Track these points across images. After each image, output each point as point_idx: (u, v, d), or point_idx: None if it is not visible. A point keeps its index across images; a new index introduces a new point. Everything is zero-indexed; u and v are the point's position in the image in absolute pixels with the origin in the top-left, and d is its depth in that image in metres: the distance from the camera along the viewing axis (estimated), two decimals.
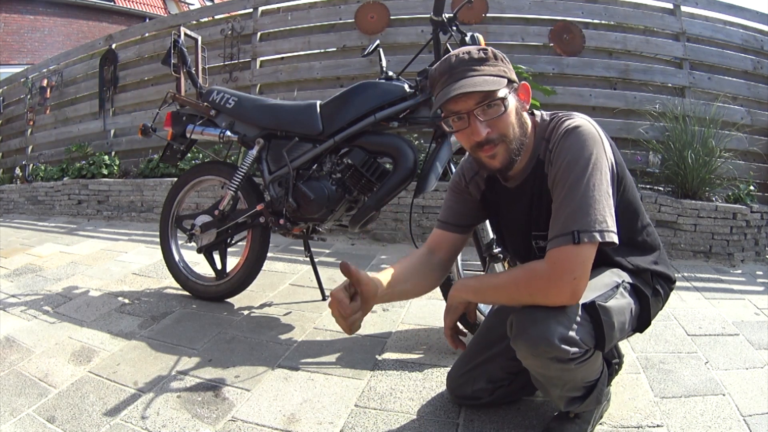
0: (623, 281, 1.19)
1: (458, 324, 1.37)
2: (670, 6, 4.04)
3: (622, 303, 1.15)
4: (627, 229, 1.16)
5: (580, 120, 1.13)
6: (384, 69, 2.14)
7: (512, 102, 1.13)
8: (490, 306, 1.70)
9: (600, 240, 1.04)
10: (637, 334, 1.28)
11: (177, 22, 5.11)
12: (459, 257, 1.86)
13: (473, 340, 1.47)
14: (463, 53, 1.14)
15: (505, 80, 1.12)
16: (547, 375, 1.16)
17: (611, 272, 1.19)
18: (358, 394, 1.54)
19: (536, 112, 1.24)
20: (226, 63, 4.73)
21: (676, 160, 3.39)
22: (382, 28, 4.21)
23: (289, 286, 2.55)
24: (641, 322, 1.23)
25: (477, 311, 1.77)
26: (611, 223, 1.06)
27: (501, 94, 1.11)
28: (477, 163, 1.23)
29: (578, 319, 1.08)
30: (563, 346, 1.05)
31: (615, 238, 1.06)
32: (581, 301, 1.09)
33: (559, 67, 3.98)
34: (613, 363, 1.44)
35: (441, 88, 1.14)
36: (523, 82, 1.18)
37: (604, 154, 1.10)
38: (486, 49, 1.14)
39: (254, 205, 2.21)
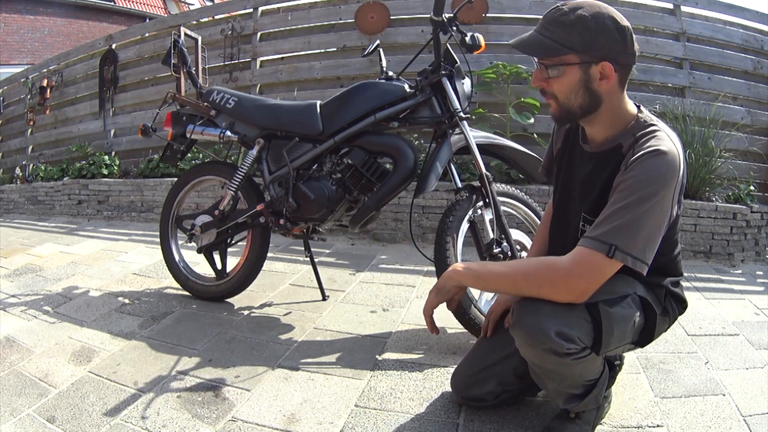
0: (634, 292, 1.18)
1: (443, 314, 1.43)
2: (670, 6, 4.04)
3: (626, 312, 1.15)
4: (661, 256, 1.17)
5: (671, 145, 1.10)
6: (384, 69, 2.15)
7: (574, 74, 1.13)
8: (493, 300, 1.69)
9: (630, 266, 1.06)
10: None
11: (177, 22, 5.11)
12: (459, 254, 1.86)
13: (485, 340, 1.47)
14: (561, 5, 1.15)
15: (573, 52, 1.11)
16: (543, 367, 1.16)
17: (625, 281, 1.18)
18: (358, 394, 1.54)
19: (644, 109, 1.24)
20: (226, 63, 4.73)
21: None
22: (382, 28, 4.21)
23: (290, 286, 2.55)
24: (643, 336, 1.23)
25: (477, 310, 1.77)
26: (648, 256, 1.08)
27: (560, 61, 1.13)
28: None
29: (579, 317, 1.09)
30: (559, 339, 1.06)
31: (645, 270, 1.08)
32: (586, 301, 1.09)
33: None
34: (615, 365, 1.43)
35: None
36: (604, 62, 1.12)
37: (674, 191, 1.09)
38: (577, 11, 1.11)
39: (254, 205, 2.22)
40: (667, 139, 1.12)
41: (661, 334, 1.28)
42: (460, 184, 1.96)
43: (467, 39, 1.94)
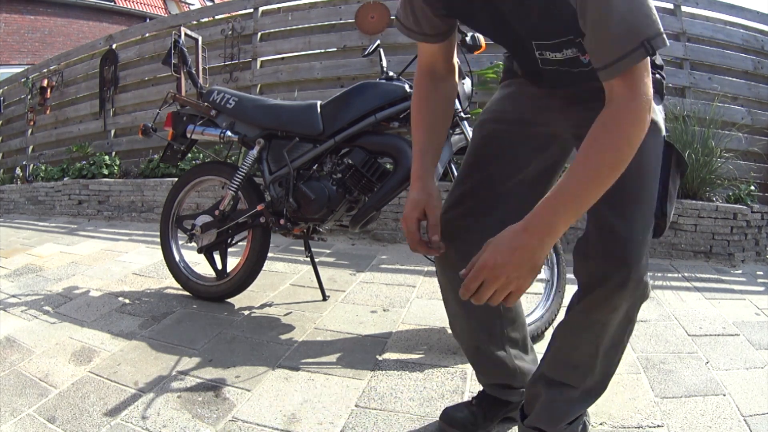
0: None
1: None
2: (671, 6, 4.04)
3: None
4: None
5: None
6: (384, 69, 2.15)
7: None
8: None
9: (661, 47, 0.82)
10: (637, 335, 1.26)
11: (177, 22, 5.11)
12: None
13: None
14: None
15: None
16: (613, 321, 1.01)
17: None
18: (358, 394, 1.54)
19: None
20: (227, 63, 4.74)
21: None
22: (383, 28, 4.21)
23: (290, 286, 2.55)
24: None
25: None
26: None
27: None
28: None
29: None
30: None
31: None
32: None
33: None
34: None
35: None
36: None
37: None
38: None
39: (255, 205, 2.21)
40: None
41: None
42: None
43: (467, 39, 1.94)
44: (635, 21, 0.80)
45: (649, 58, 0.83)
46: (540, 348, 1.28)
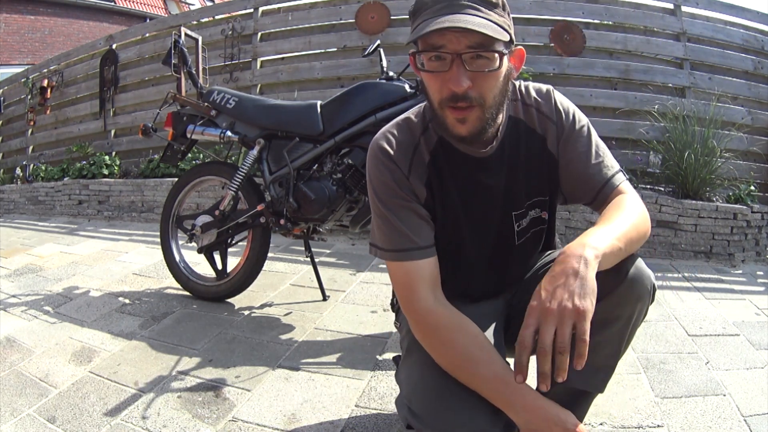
0: None
1: None
2: (671, 6, 4.04)
3: None
4: None
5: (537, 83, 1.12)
6: (384, 69, 2.15)
7: (505, 64, 0.92)
8: None
9: (625, 177, 1.07)
10: (637, 335, 1.23)
11: (177, 22, 5.11)
12: None
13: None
14: None
15: (508, 36, 0.91)
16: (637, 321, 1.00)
17: None
18: (358, 394, 1.55)
19: None
20: (227, 63, 4.73)
21: (676, 161, 3.39)
22: (383, 28, 4.21)
23: (290, 287, 2.55)
24: None
25: None
26: None
27: (499, 47, 0.89)
28: (438, 124, 0.98)
29: None
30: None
31: None
32: None
33: (560, 67, 3.98)
34: None
35: (430, 16, 0.88)
36: (519, 47, 0.98)
37: None
38: None
39: (255, 205, 2.22)
40: (529, 83, 1.10)
41: None
42: None
43: None
44: (610, 157, 1.06)
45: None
46: None
